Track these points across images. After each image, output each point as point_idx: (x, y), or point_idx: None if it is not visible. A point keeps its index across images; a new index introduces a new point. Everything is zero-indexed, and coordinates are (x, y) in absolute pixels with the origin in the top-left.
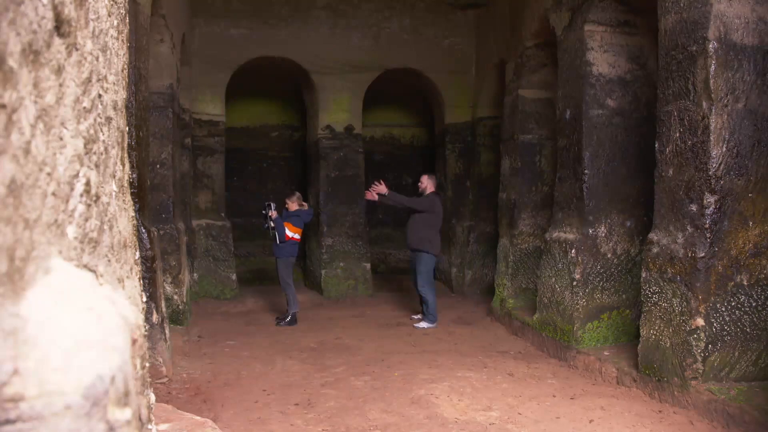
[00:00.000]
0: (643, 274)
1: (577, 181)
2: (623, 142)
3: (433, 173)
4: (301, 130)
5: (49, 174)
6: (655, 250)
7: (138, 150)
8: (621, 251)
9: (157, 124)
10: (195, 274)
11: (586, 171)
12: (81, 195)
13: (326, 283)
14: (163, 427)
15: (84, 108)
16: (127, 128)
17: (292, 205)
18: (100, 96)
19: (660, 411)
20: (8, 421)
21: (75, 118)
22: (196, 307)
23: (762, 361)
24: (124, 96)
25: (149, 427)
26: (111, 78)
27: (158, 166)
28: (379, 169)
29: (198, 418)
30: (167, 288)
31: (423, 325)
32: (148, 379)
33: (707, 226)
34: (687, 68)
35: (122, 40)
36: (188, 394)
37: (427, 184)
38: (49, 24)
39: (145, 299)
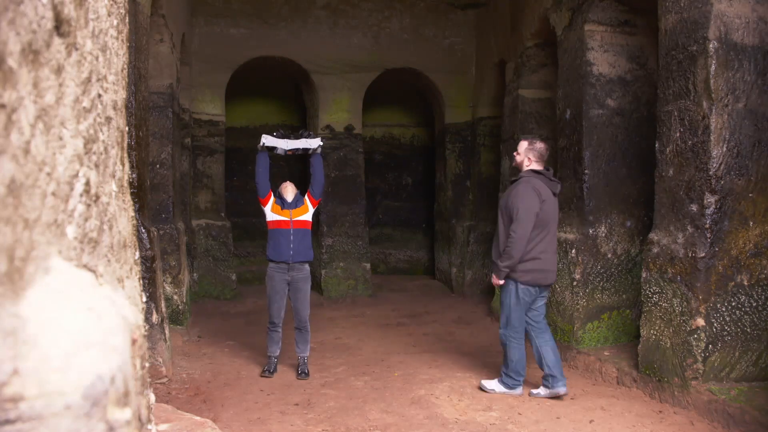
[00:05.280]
0: (644, 274)
1: (577, 181)
2: (623, 142)
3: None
4: (302, 129)
5: (48, 174)
6: (655, 250)
7: (138, 150)
8: (621, 251)
9: (157, 124)
10: (195, 274)
11: (586, 171)
12: (81, 195)
13: (326, 283)
14: (163, 427)
15: (84, 108)
16: (126, 128)
17: None
18: (99, 96)
19: (660, 411)
20: (8, 421)
21: (75, 117)
22: (196, 307)
23: (762, 361)
24: (124, 96)
25: (149, 427)
26: (111, 78)
27: (158, 166)
28: (379, 169)
29: (198, 418)
30: (167, 288)
31: (492, 386)
32: (148, 379)
33: (707, 226)
34: (687, 68)
35: (122, 40)
36: (188, 394)
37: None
38: (49, 24)
39: (145, 299)
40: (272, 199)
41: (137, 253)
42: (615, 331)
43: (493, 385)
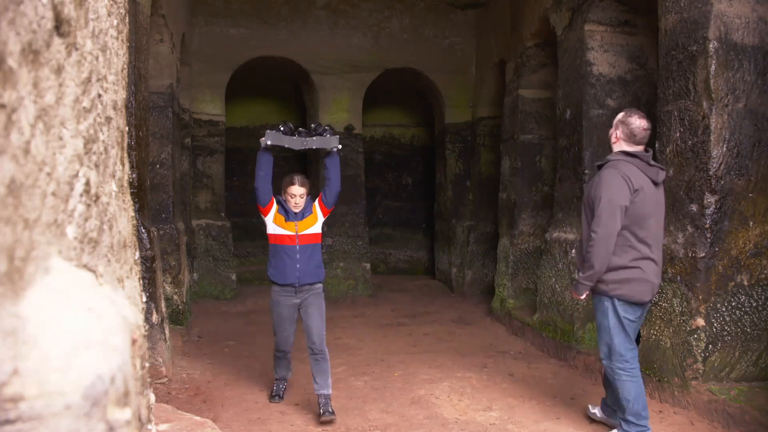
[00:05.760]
0: None
1: (578, 181)
2: None
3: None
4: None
5: (48, 174)
6: None
7: (138, 150)
8: None
9: (157, 124)
10: (195, 274)
11: (586, 171)
12: (81, 195)
13: (326, 283)
14: (163, 427)
15: (84, 108)
16: (126, 128)
17: None
18: (99, 96)
19: (660, 411)
20: (8, 421)
21: (75, 117)
22: (196, 307)
23: (762, 361)
24: (124, 96)
25: (149, 427)
26: (111, 78)
27: (158, 166)
28: (379, 169)
29: (198, 418)
30: (167, 288)
31: None
32: (148, 379)
33: (707, 226)
34: (687, 68)
35: (122, 40)
36: (188, 394)
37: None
38: (49, 24)
39: (145, 299)
40: (275, 207)
41: (137, 253)
42: None
43: None
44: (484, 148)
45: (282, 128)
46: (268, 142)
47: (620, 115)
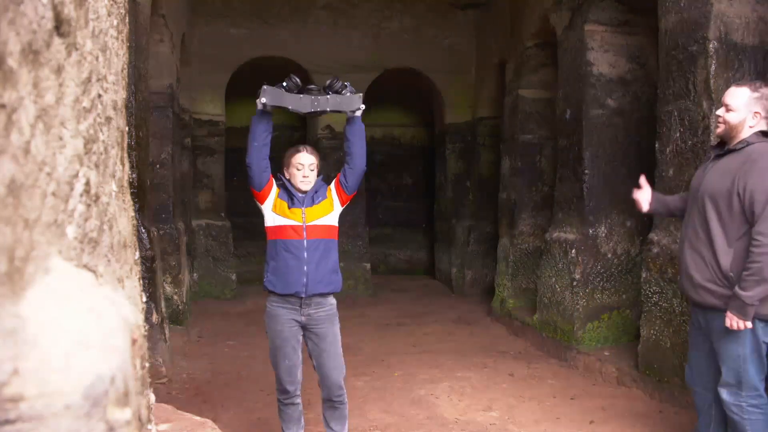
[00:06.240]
0: (644, 274)
1: (578, 181)
2: (623, 142)
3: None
4: (301, 130)
5: (48, 174)
6: (655, 250)
7: (138, 150)
8: (621, 251)
9: (157, 124)
10: (195, 274)
11: (586, 171)
12: (81, 195)
13: None
14: (163, 427)
15: (84, 108)
16: (127, 128)
17: None
18: (99, 96)
19: (661, 411)
20: (8, 422)
21: (75, 117)
22: (196, 307)
23: None
24: (124, 96)
25: (149, 427)
26: (111, 78)
27: (158, 166)
28: (379, 169)
29: (198, 418)
30: (167, 288)
31: None
32: (148, 379)
33: None
34: (687, 68)
35: (122, 40)
36: (188, 394)
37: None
38: (49, 24)
39: (145, 299)
40: (274, 190)
41: (137, 253)
42: (615, 331)
43: None
44: (484, 148)
45: (285, 84)
46: (264, 101)
47: (748, 92)
